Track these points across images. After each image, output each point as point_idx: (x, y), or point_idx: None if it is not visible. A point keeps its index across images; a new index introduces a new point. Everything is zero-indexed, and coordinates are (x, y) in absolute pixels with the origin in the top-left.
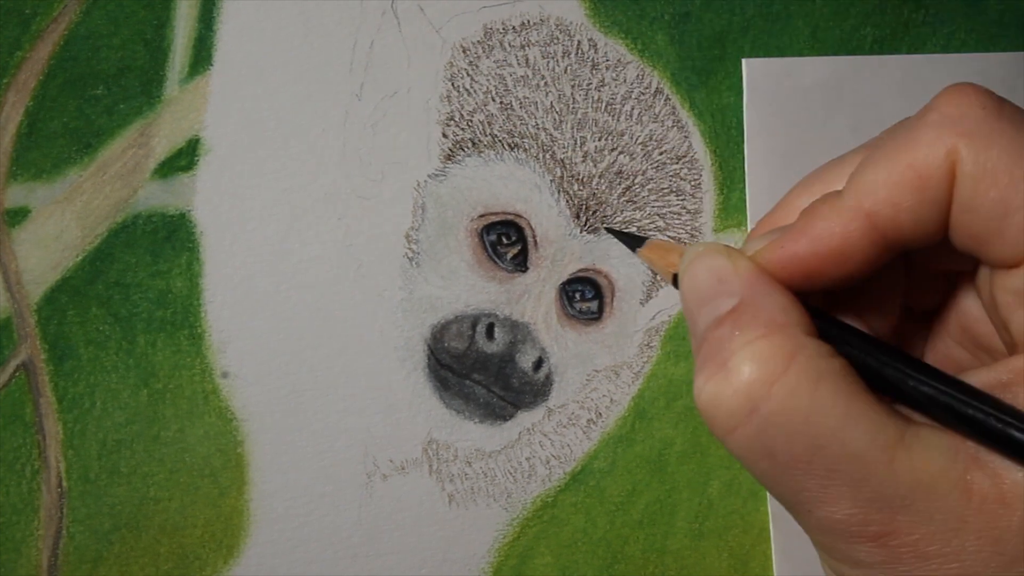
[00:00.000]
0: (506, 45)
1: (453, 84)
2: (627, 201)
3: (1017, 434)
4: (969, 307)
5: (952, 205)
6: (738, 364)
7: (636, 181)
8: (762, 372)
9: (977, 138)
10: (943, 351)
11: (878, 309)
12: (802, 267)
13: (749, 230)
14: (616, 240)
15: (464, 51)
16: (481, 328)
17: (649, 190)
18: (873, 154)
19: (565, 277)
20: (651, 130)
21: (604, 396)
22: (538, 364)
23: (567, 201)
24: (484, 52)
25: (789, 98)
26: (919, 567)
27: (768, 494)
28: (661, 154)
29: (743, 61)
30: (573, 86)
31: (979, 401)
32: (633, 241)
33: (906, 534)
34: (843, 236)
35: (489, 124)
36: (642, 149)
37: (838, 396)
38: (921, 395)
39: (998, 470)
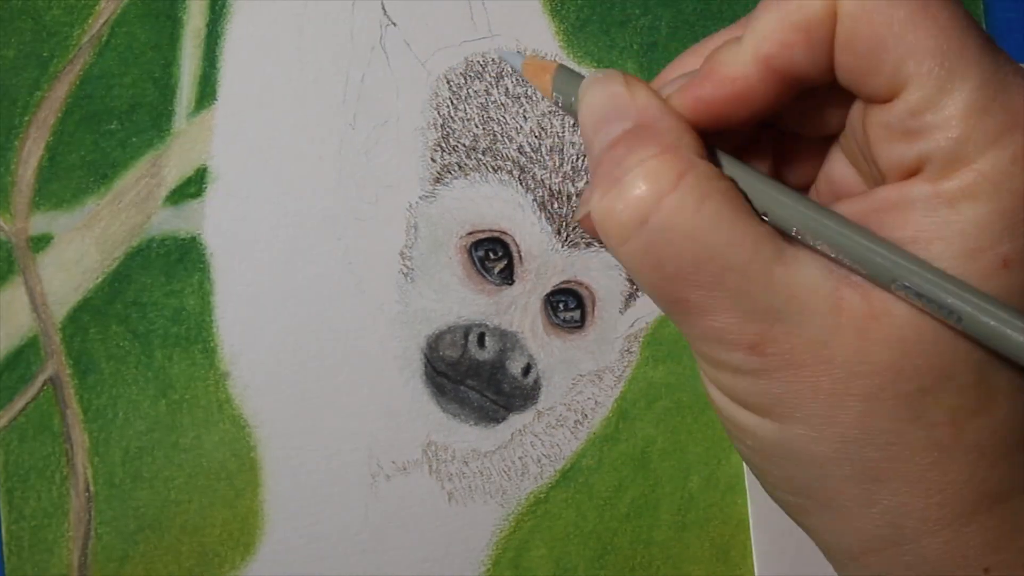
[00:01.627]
0: (486, 75)
1: (439, 112)
2: None
3: (879, 259)
4: (840, 172)
5: (835, 44)
6: (631, 180)
7: None
8: (652, 188)
9: None
10: None
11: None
12: (706, 110)
13: None
14: (595, 254)
15: (448, 82)
16: (473, 337)
17: None
18: (764, 2)
19: (549, 289)
20: None
21: (589, 399)
22: (527, 370)
23: (548, 218)
24: (466, 82)
25: None
26: (791, 375)
27: (747, 487)
28: None
29: None
30: (550, 112)
31: (846, 227)
32: (516, 59)
33: (780, 343)
34: (744, 78)
35: (473, 148)
36: None
37: (722, 213)
38: (797, 220)
39: (867, 287)
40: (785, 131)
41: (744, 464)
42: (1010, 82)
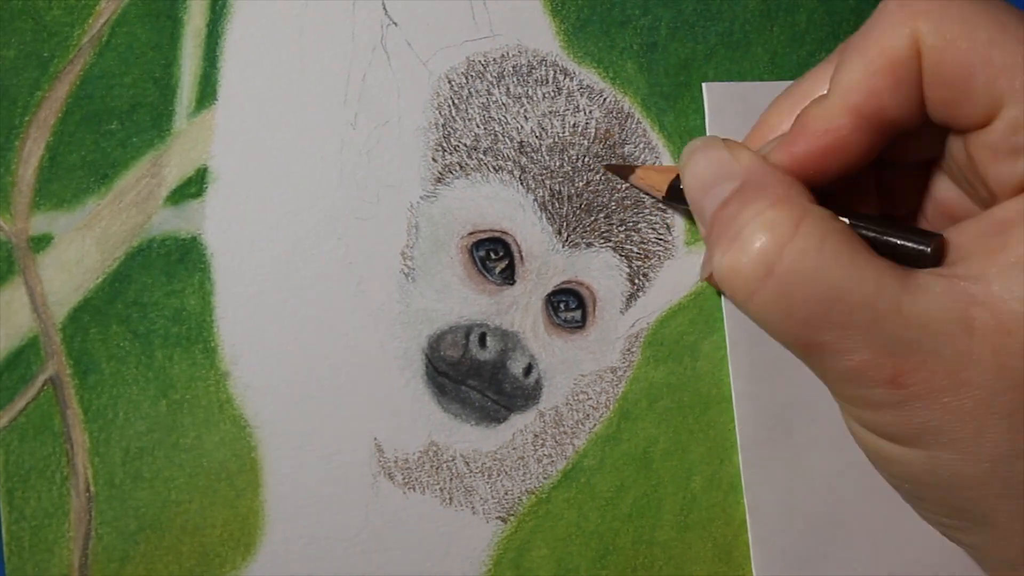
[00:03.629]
0: (488, 75)
1: (440, 112)
2: (604, 217)
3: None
4: (947, 195)
5: (923, 80)
6: (751, 234)
7: (612, 199)
8: (773, 237)
9: (933, 14)
10: None
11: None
12: (803, 166)
13: None
14: (596, 254)
15: (450, 82)
16: (474, 337)
17: (624, 207)
18: (847, 53)
19: (550, 289)
20: (624, 152)
21: (590, 398)
22: (528, 370)
23: (549, 218)
24: (468, 82)
25: (746, 119)
26: (932, 402)
27: (744, 488)
28: None
29: (703, 85)
30: (551, 112)
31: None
32: (625, 171)
33: (918, 372)
34: (836, 131)
35: (475, 148)
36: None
37: (843, 253)
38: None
39: (995, 303)
40: (883, 162)
41: (741, 463)
42: None
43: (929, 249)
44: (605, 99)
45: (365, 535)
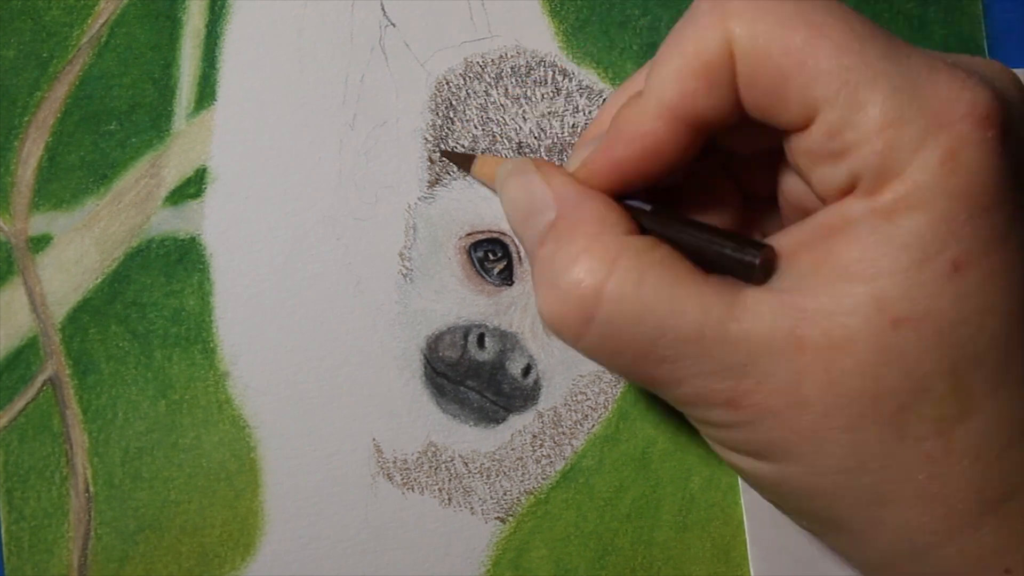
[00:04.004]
0: (486, 76)
1: (438, 113)
2: None
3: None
4: (794, 187)
5: (738, 83)
6: (567, 280)
7: None
8: (589, 282)
9: (746, 16)
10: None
11: (717, 203)
12: (621, 169)
13: None
14: None
15: (448, 83)
16: (472, 338)
17: None
18: (662, 51)
19: None
20: None
21: (589, 399)
22: (527, 370)
23: None
24: (466, 83)
25: None
26: (771, 422)
27: (741, 488)
28: None
29: None
30: (549, 113)
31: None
32: (466, 161)
33: (753, 394)
34: (651, 133)
35: (472, 149)
36: None
37: (662, 286)
38: (716, 254)
39: (823, 318)
40: (733, 152)
41: None
42: (924, 82)
43: (757, 261)
44: (604, 100)
45: (364, 535)
